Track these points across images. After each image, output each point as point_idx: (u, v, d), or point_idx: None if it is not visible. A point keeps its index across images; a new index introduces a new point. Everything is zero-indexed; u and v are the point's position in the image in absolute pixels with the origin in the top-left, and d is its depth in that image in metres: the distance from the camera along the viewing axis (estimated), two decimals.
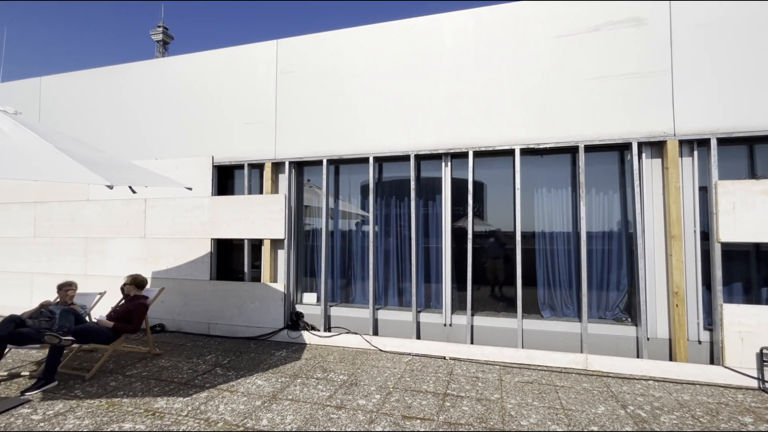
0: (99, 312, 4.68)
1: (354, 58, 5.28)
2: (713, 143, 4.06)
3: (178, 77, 6.03)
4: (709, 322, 4.15)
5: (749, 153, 4.20)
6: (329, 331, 5.24)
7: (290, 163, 5.47)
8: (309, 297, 5.54)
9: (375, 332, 5.10)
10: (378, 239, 5.32)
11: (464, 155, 4.86)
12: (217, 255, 5.70)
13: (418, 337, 4.95)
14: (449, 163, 4.99)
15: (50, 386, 3.54)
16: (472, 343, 4.73)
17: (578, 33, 4.50)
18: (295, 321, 5.31)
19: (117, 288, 4.73)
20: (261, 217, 5.37)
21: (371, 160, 5.13)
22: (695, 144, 4.22)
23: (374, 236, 5.20)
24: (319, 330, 5.24)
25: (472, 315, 4.79)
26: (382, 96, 5.13)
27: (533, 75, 4.63)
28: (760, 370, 3.78)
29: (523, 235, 4.65)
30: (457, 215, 5.03)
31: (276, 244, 5.49)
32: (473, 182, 4.80)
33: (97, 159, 3.18)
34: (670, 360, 4.15)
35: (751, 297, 4.16)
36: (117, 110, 6.33)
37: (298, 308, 5.46)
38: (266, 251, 5.45)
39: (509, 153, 4.74)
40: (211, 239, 5.58)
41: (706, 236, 4.17)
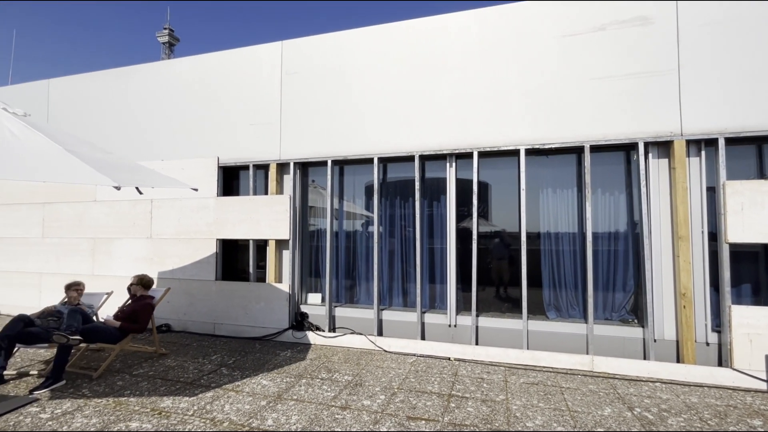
0: (106, 312, 4.73)
1: (358, 59, 5.29)
2: (721, 143, 4.02)
3: (184, 79, 6.07)
4: (717, 324, 4.11)
5: (758, 153, 4.16)
6: (334, 332, 5.25)
7: (295, 164, 5.49)
8: (314, 297, 5.56)
9: (379, 333, 5.11)
10: (382, 240, 5.32)
11: (469, 156, 4.85)
12: (223, 255, 5.73)
13: (423, 338, 4.94)
14: (454, 164, 4.98)
15: (58, 385, 3.58)
16: (477, 344, 4.71)
17: (584, 32, 4.48)
18: (300, 321, 5.32)
19: (124, 288, 4.77)
20: (266, 218, 5.39)
21: (376, 161, 5.14)
22: (703, 144, 4.18)
23: (379, 237, 5.20)
24: (324, 330, 5.25)
25: (477, 316, 4.78)
26: (387, 96, 5.14)
27: (538, 75, 4.61)
28: None
29: (528, 236, 4.63)
30: (462, 216, 5.02)
31: (281, 245, 5.51)
32: (478, 183, 4.79)
33: (105, 160, 3.21)
34: (678, 362, 4.11)
35: (760, 298, 4.11)
36: (124, 112, 6.39)
37: (303, 309, 5.48)
38: (271, 252, 5.47)
39: (514, 153, 4.72)
40: (217, 240, 5.61)
41: (714, 237, 4.13)
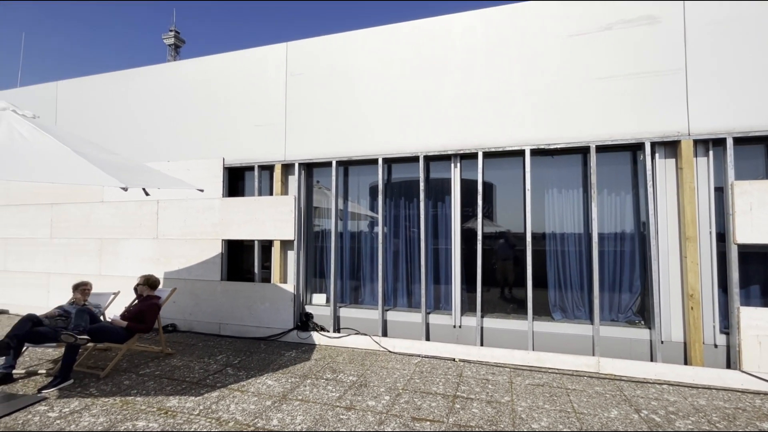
0: (113, 312, 4.76)
1: (363, 60, 5.29)
2: (729, 143, 3.98)
3: (190, 80, 6.12)
4: (726, 326, 4.06)
5: (767, 152, 4.10)
6: (339, 332, 5.25)
7: (300, 165, 5.51)
8: (318, 298, 5.57)
9: (384, 333, 5.10)
10: (387, 240, 5.32)
11: (473, 156, 4.84)
12: (228, 256, 5.76)
13: (428, 339, 4.93)
14: (458, 164, 4.97)
15: (66, 384, 3.61)
16: (482, 345, 4.70)
17: (589, 32, 4.45)
18: (305, 322, 5.34)
19: (130, 288, 4.81)
20: (271, 219, 5.41)
21: (380, 162, 5.14)
22: (710, 143, 4.14)
23: (383, 237, 5.20)
24: (329, 331, 5.26)
25: (482, 317, 4.76)
26: (391, 97, 5.14)
27: (543, 75, 4.59)
28: None
29: (534, 237, 4.61)
30: (467, 216, 5.01)
31: (286, 245, 5.53)
32: (483, 183, 4.78)
33: (112, 161, 3.24)
34: (685, 364, 4.07)
35: None
36: (130, 113, 6.44)
37: (308, 309, 5.49)
38: (276, 252, 5.49)
39: (519, 154, 4.70)
40: (222, 240, 5.64)
41: (722, 237, 4.08)
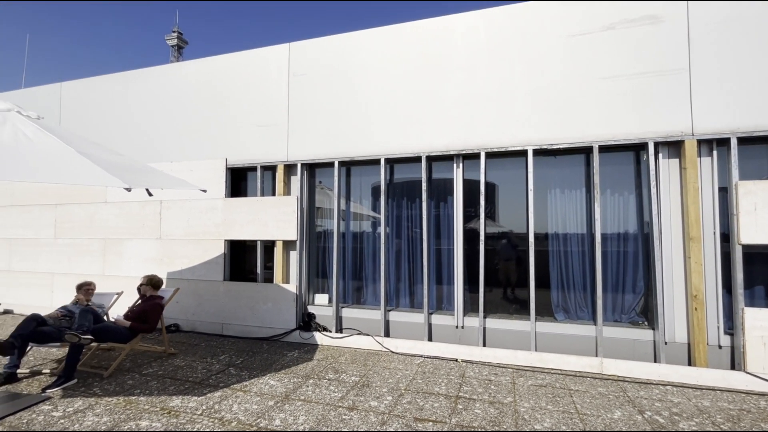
0: (116, 312, 4.79)
1: (365, 60, 5.30)
2: (733, 143, 3.96)
3: (192, 81, 6.14)
4: (730, 327, 4.04)
5: None
6: (341, 333, 5.25)
7: (302, 165, 5.52)
8: (321, 298, 5.57)
9: (386, 334, 5.10)
10: (389, 240, 5.32)
11: (476, 156, 4.83)
12: (231, 256, 5.77)
13: (430, 339, 4.93)
14: (461, 164, 4.97)
15: (70, 384, 3.63)
16: (485, 346, 4.69)
17: (592, 32, 4.44)
18: (307, 322, 5.34)
19: (134, 288, 4.83)
20: (273, 219, 5.42)
21: (382, 162, 5.14)
22: (714, 143, 4.12)
23: (386, 237, 5.21)
24: (331, 331, 5.26)
25: (485, 317, 4.75)
26: (394, 97, 5.14)
27: (546, 75, 4.58)
28: None
29: (536, 237, 4.60)
30: (469, 216, 5.00)
31: (288, 246, 5.54)
32: (485, 183, 4.77)
33: (116, 162, 3.25)
34: (689, 365, 4.05)
35: None
36: (133, 114, 6.47)
37: (310, 309, 5.50)
38: (278, 252, 5.50)
39: (522, 154, 4.69)
40: (225, 240, 5.66)
41: (727, 238, 4.06)
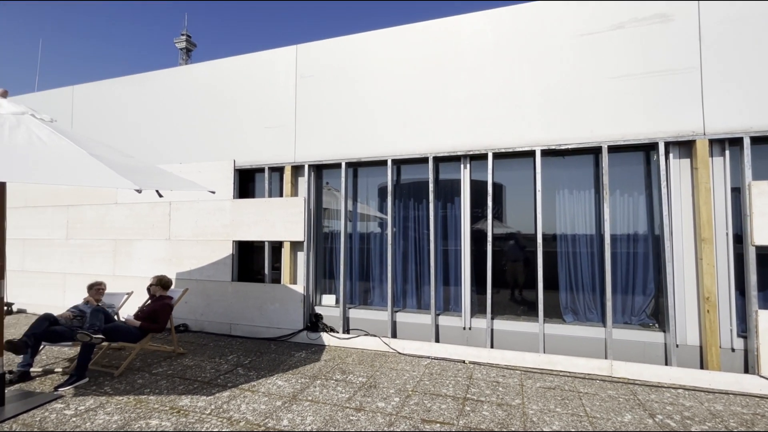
0: (126, 311, 4.85)
1: (372, 62, 5.31)
2: (746, 142, 3.90)
3: (201, 84, 6.20)
4: (743, 329, 3.97)
5: None
6: (348, 333, 5.26)
7: (309, 166, 5.54)
8: (328, 299, 5.59)
9: (393, 335, 5.10)
10: (396, 241, 5.32)
11: (483, 157, 4.81)
12: (239, 257, 5.81)
13: (437, 341, 4.91)
14: (468, 165, 4.95)
15: (81, 382, 3.69)
16: (492, 347, 4.66)
17: (601, 31, 4.40)
18: (315, 322, 5.36)
19: (143, 288, 4.89)
20: (281, 220, 5.45)
21: (389, 163, 5.14)
22: (727, 143, 4.06)
23: (392, 238, 5.20)
24: (338, 332, 5.27)
25: (492, 318, 4.72)
26: (401, 98, 5.14)
27: (554, 75, 4.54)
28: None
29: (544, 238, 4.57)
30: (476, 217, 4.98)
31: (295, 246, 5.56)
32: (493, 184, 4.75)
33: (127, 164, 3.30)
34: (701, 368, 3.99)
35: None
36: (143, 116, 6.55)
37: (318, 310, 5.51)
38: (286, 253, 5.53)
39: (529, 154, 4.67)
40: (233, 241, 5.70)
41: (739, 239, 3.99)
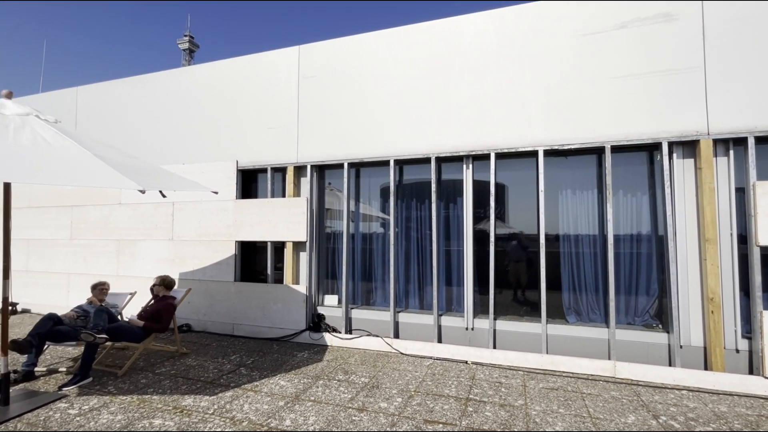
0: (130, 311, 4.87)
1: (374, 62, 5.31)
2: (751, 142, 3.87)
3: (204, 84, 6.22)
4: (748, 330, 3.95)
5: None
6: (350, 334, 5.26)
7: (312, 167, 5.55)
8: (330, 299, 5.59)
9: (396, 335, 5.10)
10: (398, 242, 5.32)
11: (486, 157, 4.81)
12: (241, 257, 5.82)
13: (440, 341, 4.91)
14: (470, 165, 4.94)
15: (85, 382, 3.70)
16: (495, 348, 4.65)
17: (604, 31, 4.39)
18: (317, 323, 5.36)
19: (147, 288, 4.91)
20: (283, 220, 5.46)
21: (392, 163, 5.15)
22: (731, 143, 4.03)
23: (395, 239, 5.20)
24: (341, 332, 5.28)
25: (495, 319, 4.72)
26: (403, 99, 5.14)
27: (557, 75, 4.54)
28: None
29: (547, 238, 4.56)
30: (479, 218, 4.97)
31: (298, 247, 5.57)
32: (495, 184, 4.74)
33: (130, 164, 3.31)
34: (706, 369, 3.97)
35: None
36: (146, 117, 6.58)
37: (320, 310, 5.52)
38: (288, 253, 5.54)
39: (532, 154, 4.66)
40: (236, 241, 5.71)
41: (744, 239, 3.97)
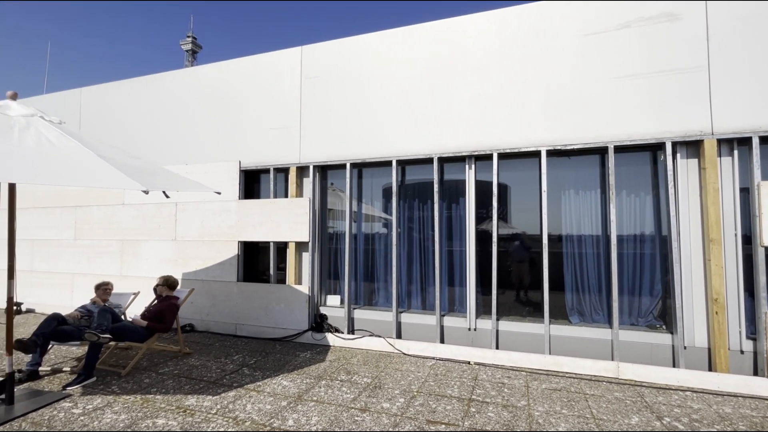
0: (133, 311, 4.88)
1: (377, 62, 5.31)
2: (755, 142, 3.85)
3: (207, 85, 6.24)
4: (753, 331, 3.92)
5: None
6: (353, 334, 5.27)
7: (314, 167, 5.56)
8: (333, 299, 5.60)
9: (398, 335, 5.10)
10: (401, 242, 5.32)
11: (488, 157, 4.80)
12: (244, 257, 5.84)
13: (442, 341, 4.90)
14: (473, 166, 4.94)
15: (89, 381, 3.72)
16: (498, 348, 4.64)
17: (607, 30, 4.38)
18: (319, 323, 5.37)
19: (150, 288, 4.92)
20: (286, 221, 5.47)
21: (394, 164, 5.15)
22: (735, 143, 4.01)
23: (397, 239, 5.20)
24: (343, 332, 5.28)
25: (497, 319, 4.71)
26: (405, 99, 5.14)
27: (560, 75, 4.52)
28: None
29: (550, 238, 4.54)
30: (481, 218, 4.97)
31: (300, 247, 5.58)
32: (498, 184, 4.74)
33: (134, 165, 3.33)
34: (710, 370, 3.94)
35: None
36: (149, 118, 6.61)
37: (322, 310, 5.52)
38: (291, 254, 5.55)
39: (535, 155, 4.65)
40: (238, 242, 5.73)
41: (749, 240, 3.95)
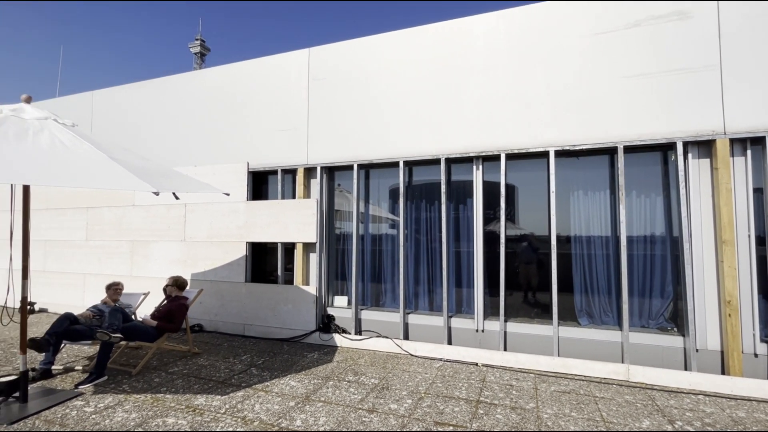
0: (143, 311, 4.94)
1: (384, 64, 5.32)
2: None
3: (215, 87, 6.30)
4: (767, 334, 3.85)
5: None
6: (360, 335, 5.27)
7: (322, 168, 5.58)
8: (340, 300, 5.61)
9: (406, 336, 5.09)
10: (408, 243, 5.31)
11: (496, 158, 4.78)
12: (252, 258, 5.88)
13: (450, 343, 4.89)
14: (480, 166, 4.92)
15: (101, 380, 3.77)
16: (506, 350, 4.61)
17: (616, 30, 4.34)
18: (327, 324, 5.39)
19: (160, 289, 4.98)
20: (294, 221, 5.50)
21: (401, 165, 5.15)
22: (748, 142, 3.95)
23: (404, 240, 5.20)
24: (350, 333, 5.29)
25: (505, 321, 4.68)
26: (412, 100, 5.14)
27: (568, 74, 4.49)
28: None
29: (558, 239, 4.51)
30: (489, 219, 4.94)
31: (308, 248, 5.60)
32: (505, 185, 4.71)
33: (144, 167, 3.37)
34: (723, 374, 3.88)
35: None
36: (159, 120, 6.69)
37: (330, 311, 5.54)
38: (299, 254, 5.57)
39: (543, 155, 4.61)
40: (247, 243, 5.77)
41: (762, 241, 3.88)
